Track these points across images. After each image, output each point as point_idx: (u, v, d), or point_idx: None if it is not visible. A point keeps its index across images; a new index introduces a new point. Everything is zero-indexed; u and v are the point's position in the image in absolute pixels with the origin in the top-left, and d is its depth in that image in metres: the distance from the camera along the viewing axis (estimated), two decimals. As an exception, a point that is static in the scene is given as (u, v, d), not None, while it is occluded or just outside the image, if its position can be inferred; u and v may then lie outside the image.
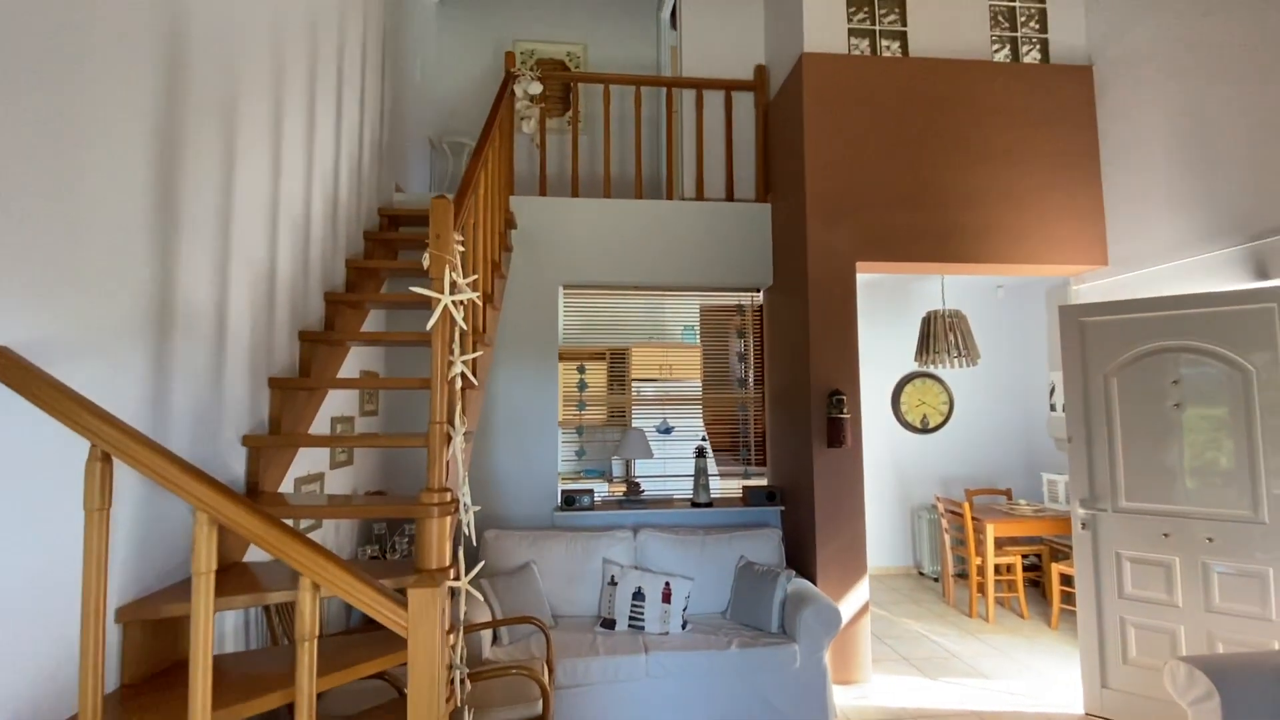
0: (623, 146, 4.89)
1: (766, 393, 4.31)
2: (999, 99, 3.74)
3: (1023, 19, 3.87)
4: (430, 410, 1.96)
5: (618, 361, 4.53)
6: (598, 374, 4.48)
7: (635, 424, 4.32)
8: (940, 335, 4.67)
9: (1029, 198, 3.69)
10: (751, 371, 4.36)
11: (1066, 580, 4.65)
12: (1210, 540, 2.85)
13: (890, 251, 3.61)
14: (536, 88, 3.99)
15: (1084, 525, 3.16)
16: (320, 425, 2.83)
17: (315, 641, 1.32)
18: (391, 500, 2.19)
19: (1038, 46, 3.86)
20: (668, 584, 3.21)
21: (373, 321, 3.42)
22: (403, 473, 3.72)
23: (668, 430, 4.24)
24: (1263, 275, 2.82)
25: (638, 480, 4.05)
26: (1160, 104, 3.35)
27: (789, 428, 3.88)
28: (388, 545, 3.16)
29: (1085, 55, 3.84)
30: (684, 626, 3.15)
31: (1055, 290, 5.40)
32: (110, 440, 1.28)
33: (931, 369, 5.88)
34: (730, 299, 4.39)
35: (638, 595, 3.20)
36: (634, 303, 4.36)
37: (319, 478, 2.82)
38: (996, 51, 3.84)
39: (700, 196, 4.24)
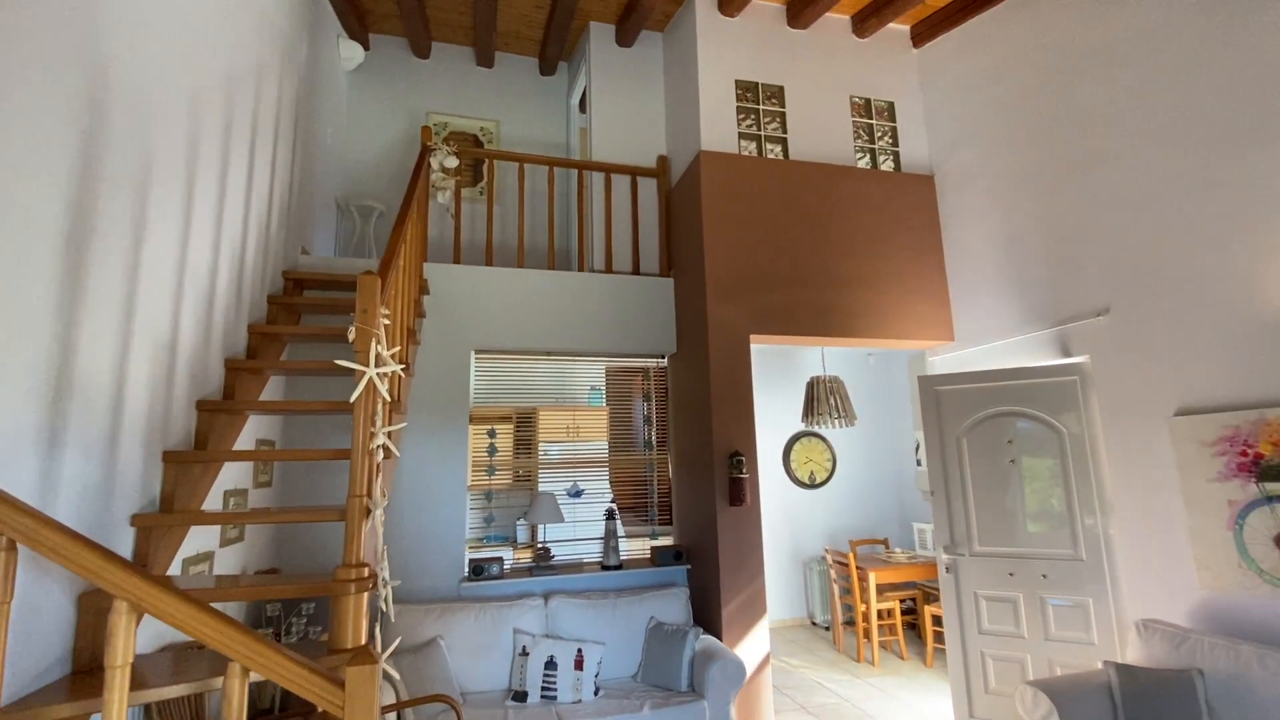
0: (535, 219, 5.11)
1: (671, 453, 4.54)
2: (863, 199, 4.38)
3: (879, 134, 4.61)
4: (350, 482, 1.97)
5: (525, 423, 4.58)
6: (505, 437, 4.50)
7: (544, 488, 4.36)
8: (822, 398, 5.17)
9: (890, 282, 4.30)
10: (656, 433, 4.59)
11: (937, 620, 5.15)
12: (1045, 576, 3.35)
13: (779, 326, 4.03)
14: (453, 162, 4.14)
15: (948, 569, 3.60)
16: (213, 501, 2.67)
17: (242, 731, 1.29)
18: (303, 577, 2.12)
19: (892, 157, 4.60)
20: (580, 651, 3.23)
21: (272, 388, 3.29)
22: (297, 549, 3.50)
23: (578, 494, 4.32)
24: (1066, 353, 3.47)
25: (546, 545, 4.07)
26: (984, 212, 4.09)
27: (693, 487, 4.11)
28: (283, 627, 2.95)
29: (929, 167, 4.62)
30: (596, 693, 3.17)
31: (915, 359, 6.17)
32: (20, 528, 1.23)
33: (817, 429, 6.42)
34: (636, 364, 4.64)
35: (550, 664, 3.19)
36: (543, 365, 4.48)
37: (208, 557, 2.63)
38: (859, 159, 4.52)
39: (609, 269, 4.51)
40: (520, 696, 3.13)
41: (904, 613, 5.61)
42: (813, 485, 6.29)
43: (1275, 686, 2.30)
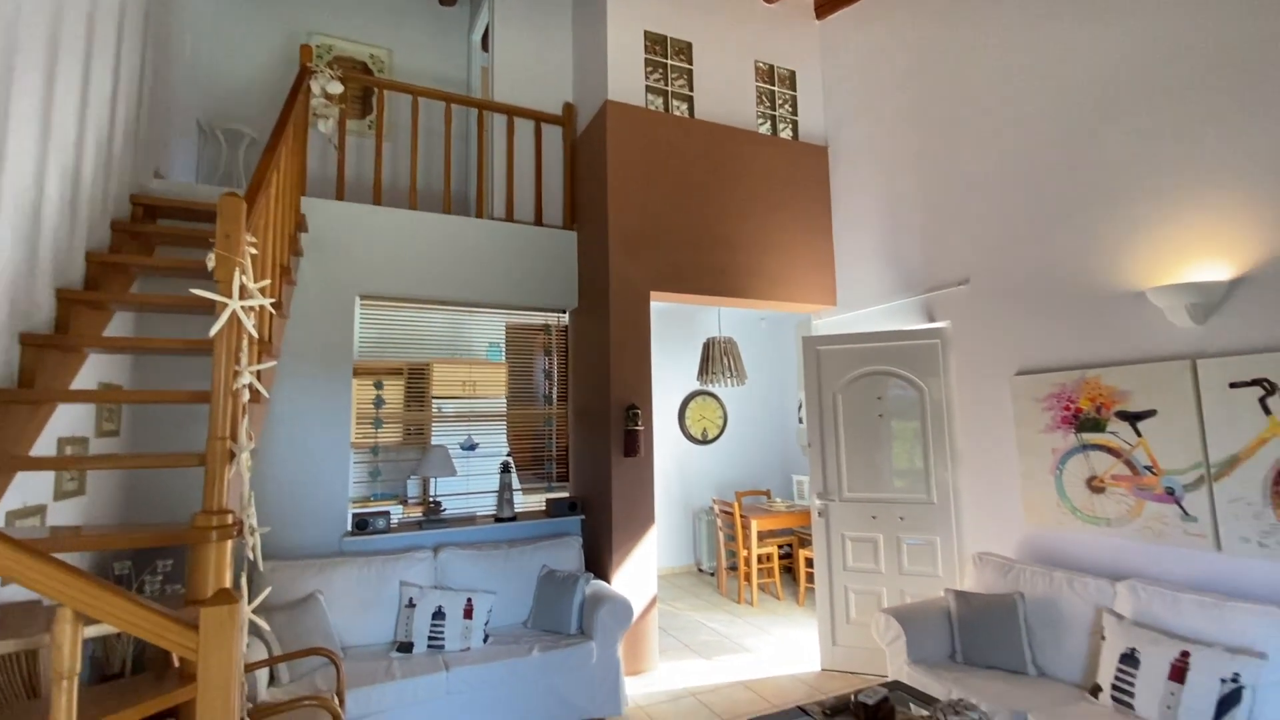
0: (430, 160, 4.81)
1: (570, 408, 4.55)
2: (762, 165, 4.51)
3: (780, 101, 4.73)
4: (211, 424, 1.82)
5: (418, 378, 4.40)
6: (394, 390, 4.30)
7: (437, 442, 4.23)
8: (717, 358, 5.36)
9: (783, 248, 4.49)
10: (556, 388, 4.57)
11: (810, 563, 5.60)
12: (902, 519, 3.73)
13: (678, 284, 4.11)
14: (336, 87, 3.79)
15: (820, 514, 3.91)
16: (44, 449, 2.36)
17: (75, 681, 1.18)
18: (157, 526, 1.94)
19: (791, 126, 4.74)
20: (470, 600, 3.22)
21: (120, 327, 2.93)
22: (150, 506, 3.19)
23: (472, 447, 4.24)
24: (931, 319, 3.81)
25: (438, 500, 3.98)
26: (869, 185, 4.35)
27: (590, 441, 4.15)
28: (133, 586, 2.70)
29: (824, 138, 4.81)
30: (486, 640, 3.19)
31: (802, 324, 6.52)
32: None
33: (710, 388, 6.67)
34: (537, 318, 4.56)
35: (438, 614, 3.16)
36: (437, 317, 4.30)
37: (38, 511, 2.34)
38: (761, 125, 4.63)
39: (510, 218, 4.37)
40: (406, 647, 3.09)
41: (781, 557, 6.06)
42: (705, 441, 6.56)
43: (1079, 604, 2.72)
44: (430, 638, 3.11)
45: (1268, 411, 2.35)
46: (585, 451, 4.23)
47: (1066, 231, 3.11)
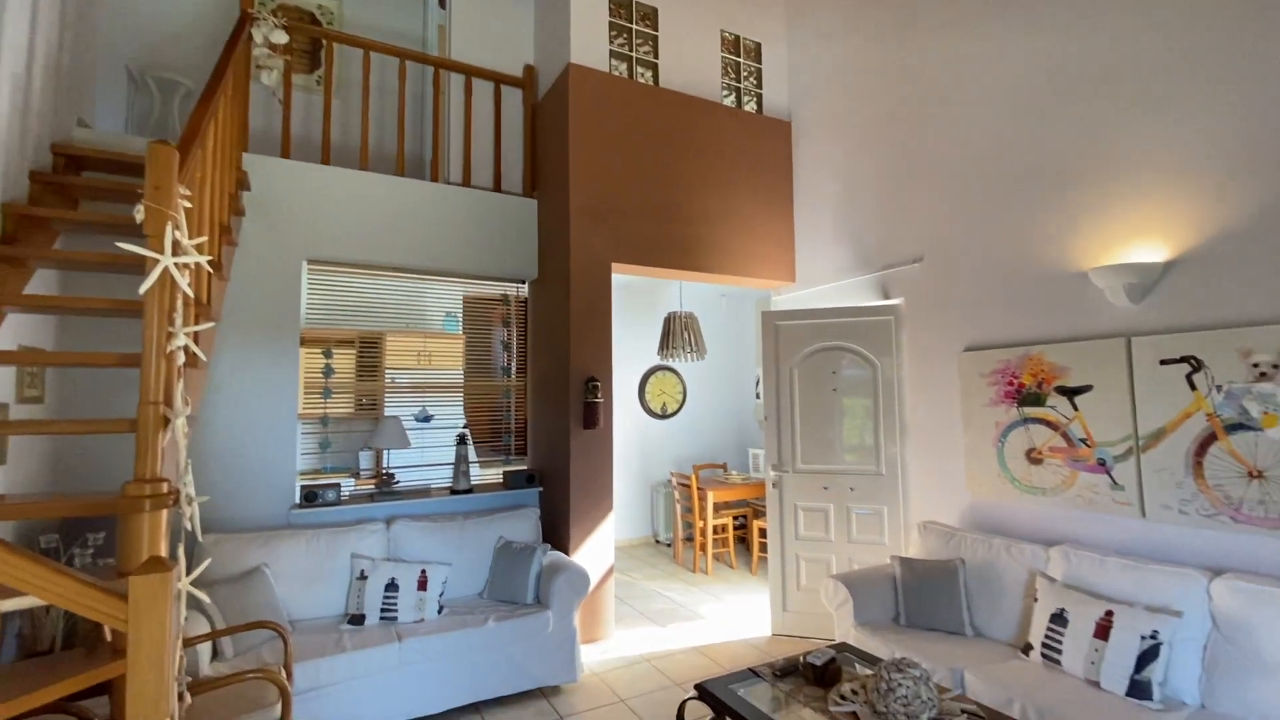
0: (383, 120, 4.60)
1: (529, 380, 4.49)
2: (726, 137, 4.47)
3: (746, 73, 4.69)
4: (142, 388, 1.72)
5: (370, 349, 4.27)
6: (346, 360, 4.17)
7: (390, 414, 4.13)
8: (678, 332, 5.37)
9: (745, 222, 4.49)
10: (515, 361, 4.50)
11: (764, 534, 5.73)
12: (852, 489, 3.84)
13: (640, 256, 4.07)
14: (281, 36, 3.56)
15: (774, 485, 3.99)
16: (-45, 413, 2.19)
17: (-9, 654, 1.11)
18: (86, 495, 1.83)
19: (755, 99, 4.72)
20: (424, 571, 3.18)
21: (40, 284, 2.73)
22: (77, 476, 3.02)
23: (427, 419, 4.15)
24: (886, 296, 3.89)
25: (391, 472, 3.90)
26: (829, 162, 4.37)
27: (549, 413, 4.12)
28: (62, 560, 2.56)
29: (787, 113, 4.80)
30: (440, 611, 3.16)
31: (762, 300, 6.59)
32: None
33: (670, 362, 6.69)
34: (495, 288, 4.46)
35: (391, 586, 3.11)
36: (390, 285, 4.16)
37: (-49, 481, 2.19)
38: (726, 97, 4.58)
39: (467, 183, 4.23)
40: (358, 619, 3.04)
41: (735, 528, 6.19)
42: (664, 415, 6.61)
43: (1014, 569, 2.86)
44: (383, 610, 3.07)
45: (1193, 387, 2.48)
46: (544, 424, 4.20)
47: (1016, 213, 3.19)
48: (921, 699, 1.77)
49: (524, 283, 4.48)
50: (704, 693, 2.17)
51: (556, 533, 3.91)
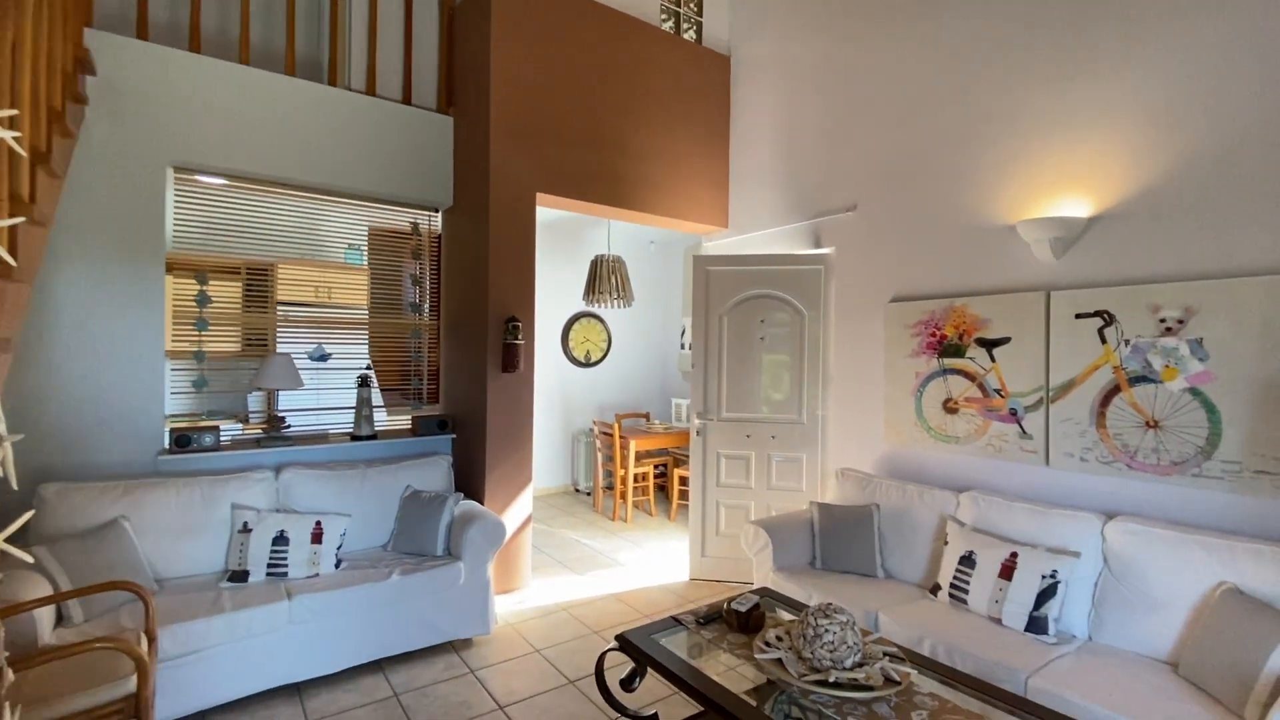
0: (269, 7, 3.94)
1: (442, 319, 4.15)
2: (663, 66, 4.18)
3: (685, -2, 4.38)
4: (-77, 298, 1.33)
5: (259, 279, 3.76)
6: (229, 291, 3.65)
7: (284, 351, 3.69)
8: (604, 277, 5.14)
9: (679, 161, 4.27)
10: (427, 298, 4.12)
11: (684, 481, 5.75)
12: (774, 437, 3.85)
13: (567, 187, 3.77)
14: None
15: (698, 433, 3.93)
16: None
17: None
18: None
19: (695, 27, 4.43)
20: (319, 523, 2.88)
21: None
22: None
23: (323, 357, 3.74)
24: (818, 244, 3.83)
25: (281, 415, 3.50)
26: (769, 103, 4.20)
27: (464, 355, 3.82)
28: None
29: (727, 47, 4.56)
30: (339, 565, 2.90)
31: (691, 249, 6.45)
32: None
33: (596, 308, 6.47)
34: (404, 217, 4.03)
35: (280, 540, 2.80)
36: (282, 206, 3.65)
37: None
38: (664, 21, 4.27)
39: (371, 92, 3.73)
40: (240, 576, 2.72)
41: (656, 477, 6.19)
42: (588, 364, 6.42)
43: (926, 514, 2.94)
44: (271, 565, 2.76)
45: (1103, 341, 2.57)
46: (458, 367, 3.90)
47: (949, 164, 3.17)
48: (848, 644, 1.74)
49: (437, 211, 4.07)
50: (625, 643, 2.08)
51: (471, 482, 3.69)
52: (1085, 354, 2.63)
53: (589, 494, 6.14)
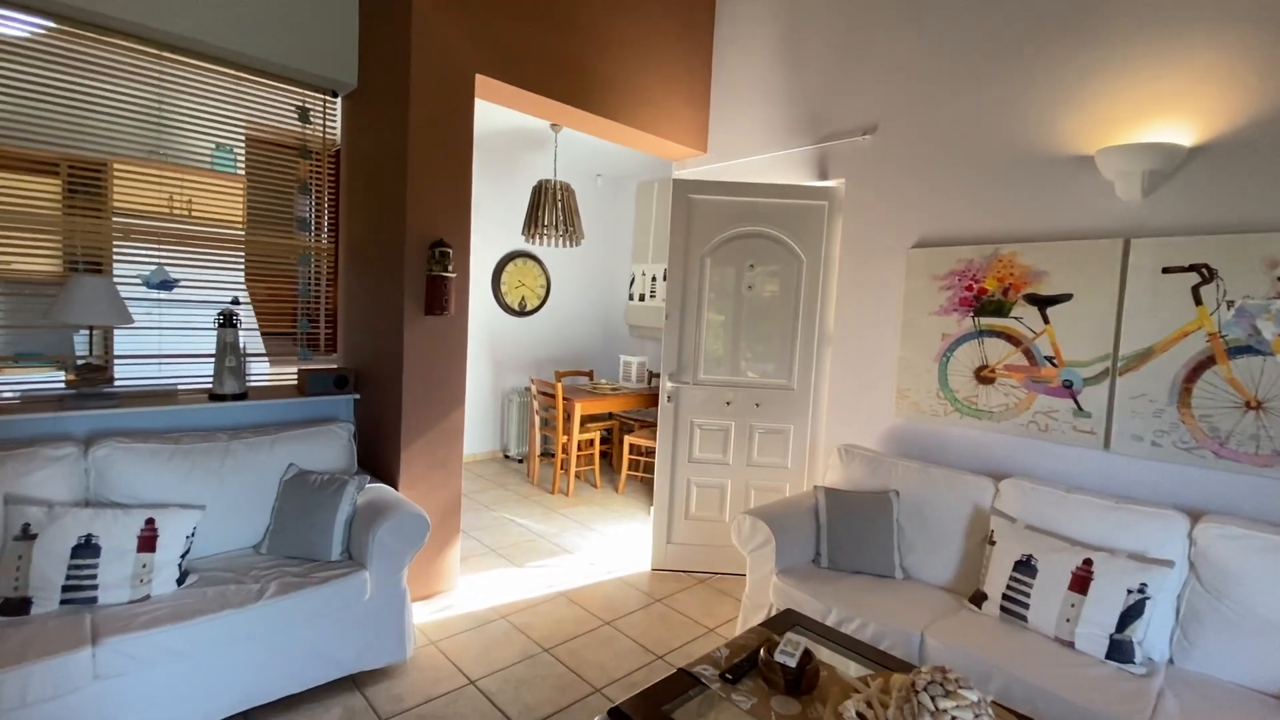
0: None
1: (342, 244, 3.18)
2: (640, -67, 3.30)
3: None
4: None
5: (89, 181, 2.64)
6: (42, 192, 2.53)
7: (126, 276, 2.63)
8: (549, 206, 4.28)
9: (652, 65, 3.44)
10: (325, 214, 3.13)
11: (637, 451, 5.12)
12: (758, 405, 3.24)
13: (518, 74, 2.87)
14: None
15: (669, 398, 3.26)
16: None
17: None
18: None
19: (677, -108, 3.54)
20: (151, 521, 1.99)
21: None
22: None
23: (165, 284, 2.70)
24: (824, 175, 3.18)
25: (102, 363, 2.49)
26: (767, 9, 3.43)
27: (372, 290, 2.91)
28: None
29: (713, -73, 3.71)
30: (183, 581, 2.03)
31: (644, 187, 5.65)
32: None
33: (534, 247, 5.58)
34: (288, 101, 2.98)
35: (86, 548, 1.89)
36: (118, 82, 2.53)
37: None
38: (642, -125, 3.35)
39: (234, -90, 2.63)
40: (16, 607, 1.80)
41: (601, 443, 5.51)
42: (522, 312, 5.56)
43: (954, 503, 2.44)
44: (69, 587, 1.86)
45: (1199, 301, 2.09)
46: (365, 306, 2.98)
47: (999, 76, 2.56)
48: (978, 736, 1.15)
49: (335, 96, 3.05)
50: None
51: (380, 459, 2.84)
52: (1171, 317, 2.15)
53: (521, 461, 5.39)
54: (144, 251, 2.68)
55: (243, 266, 3.05)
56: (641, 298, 5.63)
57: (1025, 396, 2.48)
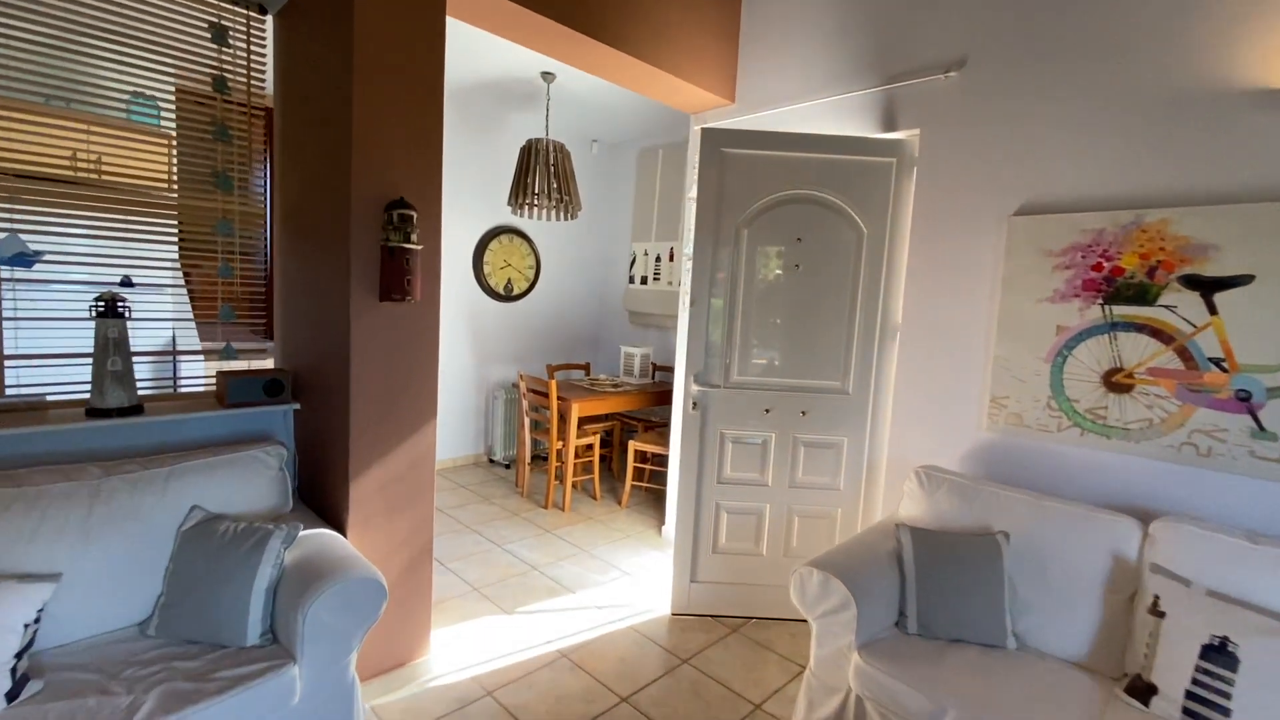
0: None
1: (276, 211, 2.49)
2: None
3: None
4: None
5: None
6: None
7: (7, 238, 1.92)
8: (540, 170, 3.61)
9: (674, -16, 2.75)
10: (252, 166, 2.41)
11: (642, 458, 4.50)
12: (804, 414, 2.63)
13: (500, -16, 2.18)
14: None
15: (695, 404, 2.63)
16: None
17: None
18: None
19: None
20: (-37, 608, 1.32)
21: None
22: None
23: (22, 261, 1.99)
24: (892, 125, 2.53)
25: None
26: (816, -96, 2.76)
27: (314, 269, 2.22)
28: None
29: None
30: (18, 690, 1.37)
31: (646, 154, 4.97)
32: None
33: (522, 221, 4.89)
34: (205, 18, 2.25)
35: None
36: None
37: None
38: None
39: None
40: None
41: (600, 447, 4.88)
42: (509, 297, 4.88)
43: (1084, 549, 1.85)
44: None
45: None
46: (305, 288, 2.29)
47: (1151, -14, 1.94)
48: None
49: (264, 13, 2.33)
50: None
51: (326, 492, 2.18)
52: None
53: (509, 466, 4.74)
54: (37, 219, 1.98)
55: (176, 241, 2.36)
56: (644, 280, 4.98)
57: (1178, 410, 1.89)
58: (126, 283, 2.07)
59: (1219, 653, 1.49)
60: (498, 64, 3.60)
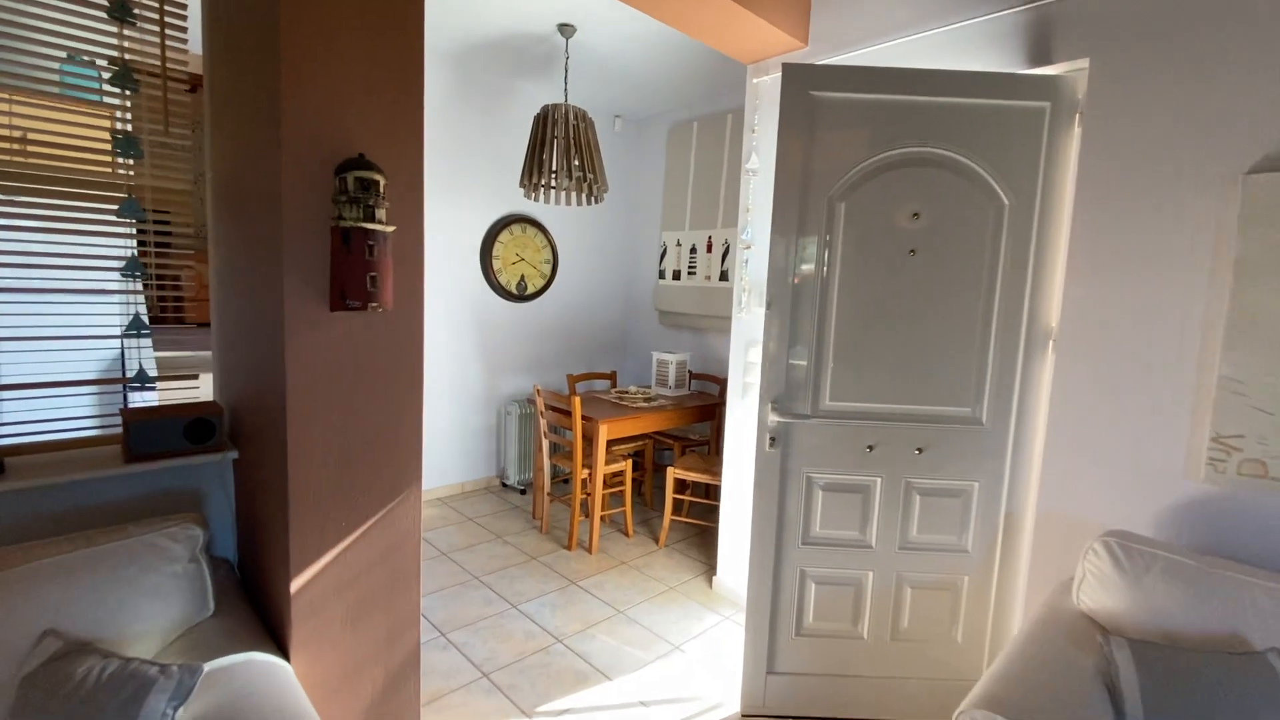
0: None
1: (209, 180, 1.86)
2: None
3: None
4: None
5: None
6: None
7: None
8: (558, 143, 2.97)
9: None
10: (166, 121, 1.79)
11: (683, 487, 3.86)
12: (920, 451, 1.96)
13: None
14: None
15: (772, 440, 1.97)
16: None
17: None
18: None
19: None
20: None
21: None
22: None
23: None
24: (1039, 59, 1.85)
25: None
26: None
27: (249, 266, 1.58)
28: None
29: None
30: None
31: (679, 130, 4.31)
32: None
33: (536, 208, 4.25)
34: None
35: None
36: None
37: None
38: None
39: None
40: None
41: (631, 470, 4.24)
42: (522, 296, 4.24)
43: None
44: None
45: None
46: (239, 289, 1.66)
47: None
48: None
49: (180, -86, 1.70)
50: None
51: (264, 583, 1.54)
52: None
53: (524, 491, 4.12)
54: None
55: (134, 232, 1.76)
56: (675, 275, 4.33)
57: None
58: (-22, 288, 1.45)
59: None
60: (507, 14, 2.95)
